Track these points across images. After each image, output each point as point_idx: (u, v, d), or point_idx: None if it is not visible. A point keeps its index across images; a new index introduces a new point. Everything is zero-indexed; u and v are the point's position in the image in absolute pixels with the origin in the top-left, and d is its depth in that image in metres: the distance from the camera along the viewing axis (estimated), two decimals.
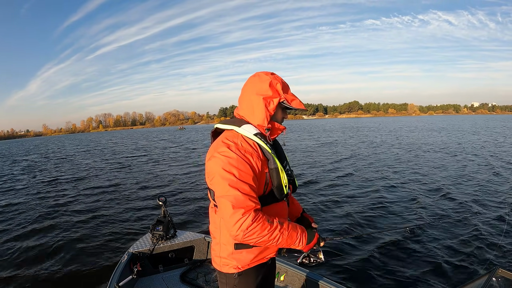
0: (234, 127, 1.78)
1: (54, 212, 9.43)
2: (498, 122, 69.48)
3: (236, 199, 1.58)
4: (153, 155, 24.39)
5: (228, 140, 1.71)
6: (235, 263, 1.84)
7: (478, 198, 8.52)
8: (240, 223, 1.57)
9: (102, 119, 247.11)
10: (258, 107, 1.79)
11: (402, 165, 14.56)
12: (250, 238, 1.60)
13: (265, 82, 1.79)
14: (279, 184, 1.78)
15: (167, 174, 14.98)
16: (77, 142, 59.01)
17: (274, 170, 1.75)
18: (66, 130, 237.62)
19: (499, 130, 38.76)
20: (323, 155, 19.45)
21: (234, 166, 1.62)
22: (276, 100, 1.79)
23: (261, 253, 1.87)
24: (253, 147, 1.73)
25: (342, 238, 5.83)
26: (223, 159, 1.64)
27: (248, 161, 1.66)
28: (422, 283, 4.51)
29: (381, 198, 8.83)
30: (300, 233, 1.78)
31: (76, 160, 23.03)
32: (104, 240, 6.79)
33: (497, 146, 20.73)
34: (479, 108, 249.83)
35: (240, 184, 1.61)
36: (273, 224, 1.64)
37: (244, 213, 1.57)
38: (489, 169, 12.83)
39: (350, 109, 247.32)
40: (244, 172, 1.63)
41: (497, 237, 5.87)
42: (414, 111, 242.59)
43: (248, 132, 1.75)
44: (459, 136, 30.51)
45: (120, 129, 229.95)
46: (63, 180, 15.32)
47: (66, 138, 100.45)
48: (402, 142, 26.35)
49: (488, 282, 1.98)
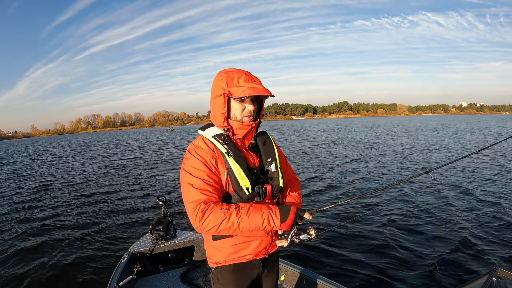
0: (200, 131, 1.90)
1: (54, 212, 9.41)
2: (491, 122, 70.37)
3: (190, 193, 1.69)
4: (150, 155, 24.26)
5: (192, 143, 1.86)
6: (213, 258, 1.94)
7: (478, 197, 8.51)
8: (194, 215, 1.64)
9: (91, 120, 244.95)
10: (213, 109, 1.85)
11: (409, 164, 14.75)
12: (207, 227, 1.64)
13: (213, 83, 1.82)
14: (237, 185, 1.77)
15: (167, 175, 14.95)
16: (68, 143, 58.06)
17: (229, 170, 1.77)
18: (55, 131, 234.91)
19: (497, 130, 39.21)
20: (324, 155, 19.50)
21: (190, 165, 1.75)
22: (221, 97, 1.78)
23: (236, 252, 1.90)
24: (209, 147, 1.80)
25: (332, 207, 5.84)
26: (184, 161, 1.80)
27: (202, 160, 1.75)
28: (422, 283, 4.52)
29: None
30: (267, 212, 1.68)
31: (72, 162, 22.70)
32: (104, 240, 6.78)
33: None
34: (468, 108, 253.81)
35: (194, 180, 1.71)
36: (228, 211, 1.64)
37: (195, 206, 1.65)
38: (490, 168, 12.76)
39: (340, 109, 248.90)
40: (197, 170, 1.73)
41: (497, 237, 5.87)
42: (403, 111, 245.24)
43: (207, 134, 1.84)
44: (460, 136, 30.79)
45: (109, 130, 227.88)
46: (62, 181, 15.21)
47: (55, 139, 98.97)
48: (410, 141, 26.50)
49: (488, 282, 2.00)
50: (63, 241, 6.87)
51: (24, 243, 6.93)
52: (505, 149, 18.00)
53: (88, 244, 6.64)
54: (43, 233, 7.54)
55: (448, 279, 4.59)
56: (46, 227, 7.99)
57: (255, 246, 1.92)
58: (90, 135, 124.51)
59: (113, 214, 8.76)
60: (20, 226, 8.21)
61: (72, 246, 6.60)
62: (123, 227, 7.57)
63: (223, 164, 1.79)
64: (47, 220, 8.54)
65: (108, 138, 66.32)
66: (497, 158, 15.20)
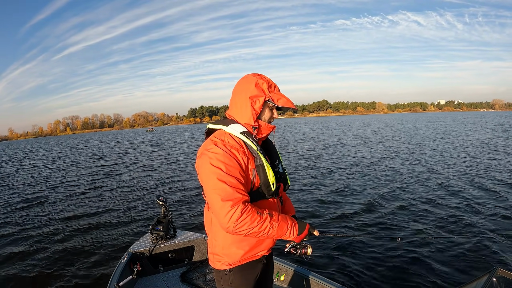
0: (222, 127, 1.86)
1: (54, 212, 9.35)
2: (476, 118, 71.74)
3: (225, 191, 1.66)
4: (145, 157, 23.93)
5: (216, 137, 1.80)
6: (226, 260, 1.90)
7: (478, 197, 8.50)
8: (230, 215, 1.64)
9: (70, 122, 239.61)
10: (244, 106, 1.86)
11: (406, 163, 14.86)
12: (240, 229, 1.66)
13: (251, 83, 1.86)
14: (265, 181, 1.83)
15: (167, 175, 14.83)
16: (49, 146, 56.31)
17: (260, 166, 1.81)
18: (33, 133, 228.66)
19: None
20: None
21: (221, 161, 1.70)
22: (261, 99, 1.86)
23: (251, 250, 1.92)
24: (239, 143, 1.80)
25: (335, 236, 5.85)
26: (210, 155, 1.72)
27: (234, 156, 1.74)
28: (422, 283, 4.55)
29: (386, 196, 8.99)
30: (291, 224, 1.83)
31: (63, 165, 22.24)
32: (104, 240, 6.75)
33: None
34: (446, 105, 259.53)
35: (227, 178, 1.68)
36: (263, 215, 1.71)
37: (232, 205, 1.64)
38: (492, 168, 12.61)
39: (320, 108, 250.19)
40: (230, 166, 1.71)
41: (497, 237, 5.88)
42: (382, 109, 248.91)
43: (234, 130, 1.82)
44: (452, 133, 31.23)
45: (88, 131, 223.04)
46: (61, 181, 15.10)
47: (34, 142, 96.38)
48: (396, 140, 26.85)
49: (488, 282, 2.00)
50: (63, 241, 6.86)
51: (24, 243, 6.91)
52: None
53: (88, 244, 6.61)
54: (43, 233, 7.49)
55: (448, 279, 4.61)
56: (46, 227, 7.95)
57: (268, 242, 1.98)
58: (70, 137, 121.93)
59: (113, 214, 8.73)
60: (20, 226, 8.17)
61: (72, 246, 6.57)
62: (123, 227, 7.55)
63: (252, 161, 1.81)
64: (47, 221, 8.50)
65: (90, 140, 64.79)
66: (497, 154, 15.53)
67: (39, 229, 7.86)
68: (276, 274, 3.68)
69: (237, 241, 1.87)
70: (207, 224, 1.99)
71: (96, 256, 5.99)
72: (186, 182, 12.80)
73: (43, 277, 5.38)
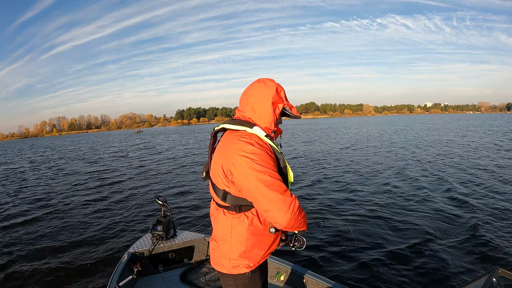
0: (245, 128, 1.84)
1: (53, 213, 9.28)
2: (465, 121, 72.64)
3: (280, 186, 1.69)
4: (142, 157, 23.83)
5: (247, 138, 1.78)
6: (247, 262, 1.88)
7: (478, 196, 8.57)
8: (293, 205, 1.69)
9: (56, 123, 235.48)
10: (267, 111, 1.89)
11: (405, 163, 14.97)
12: (299, 217, 1.74)
13: (272, 88, 1.90)
14: (287, 182, 1.87)
15: (167, 175, 14.80)
16: (40, 148, 55.64)
17: (283, 169, 1.84)
18: (19, 134, 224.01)
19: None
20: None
21: (264, 160, 1.72)
22: (281, 105, 1.93)
23: (269, 248, 1.95)
24: (267, 145, 1.82)
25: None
26: (252, 156, 1.71)
27: (271, 157, 1.78)
28: (421, 283, 4.56)
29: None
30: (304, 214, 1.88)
31: (60, 166, 21.95)
32: (104, 240, 6.73)
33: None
34: (432, 108, 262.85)
35: (275, 174, 1.72)
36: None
37: (290, 194, 1.71)
38: (492, 167, 12.69)
39: (307, 110, 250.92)
40: (272, 165, 1.75)
41: (497, 237, 5.89)
42: (370, 111, 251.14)
43: (261, 133, 1.83)
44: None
45: (75, 133, 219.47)
46: (61, 182, 15.02)
47: (21, 143, 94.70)
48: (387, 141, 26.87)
49: (488, 282, 2.00)
50: (63, 241, 6.82)
51: (24, 243, 6.87)
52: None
53: (88, 244, 6.59)
54: (43, 233, 7.45)
55: (448, 279, 4.63)
56: (45, 227, 7.90)
57: (278, 239, 2.01)
58: (56, 139, 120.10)
59: (113, 214, 8.69)
60: (20, 226, 8.11)
61: (71, 246, 6.55)
62: (123, 227, 7.51)
63: (275, 162, 1.82)
64: (47, 221, 8.44)
65: (78, 142, 63.92)
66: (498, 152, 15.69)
67: (38, 228, 7.80)
68: (276, 274, 3.70)
69: (258, 242, 1.88)
70: (225, 229, 1.89)
71: (96, 256, 5.96)
72: (186, 182, 12.78)
73: (43, 277, 5.34)
